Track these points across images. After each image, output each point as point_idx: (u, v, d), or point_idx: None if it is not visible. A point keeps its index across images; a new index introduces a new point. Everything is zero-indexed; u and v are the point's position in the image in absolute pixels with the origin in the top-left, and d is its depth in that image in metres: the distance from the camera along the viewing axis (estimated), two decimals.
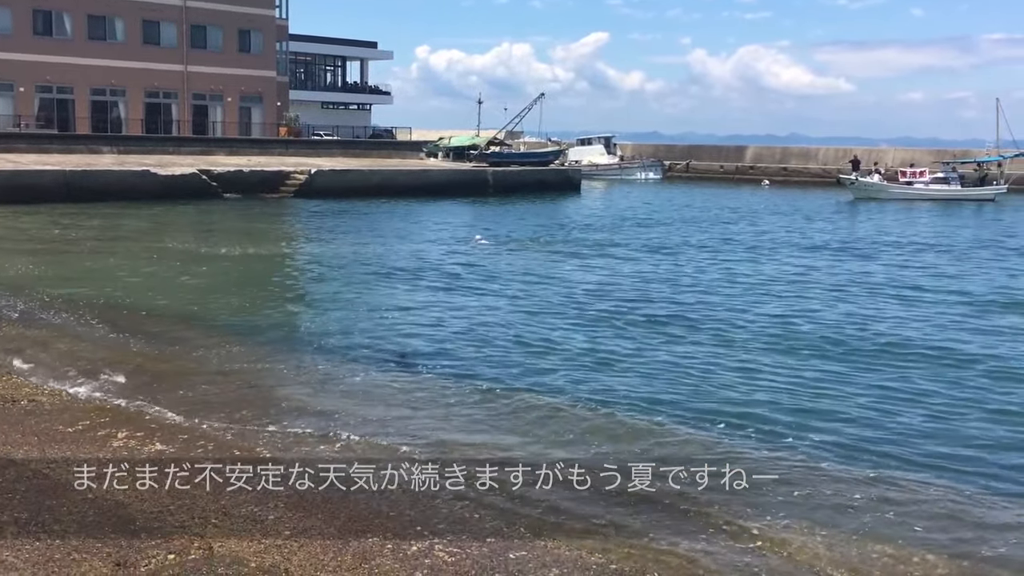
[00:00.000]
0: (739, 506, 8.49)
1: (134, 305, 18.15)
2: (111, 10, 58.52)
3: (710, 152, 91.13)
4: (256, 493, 7.83)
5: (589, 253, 29.07)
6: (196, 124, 62.78)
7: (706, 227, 39.22)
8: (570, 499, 8.43)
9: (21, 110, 55.81)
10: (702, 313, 18.75)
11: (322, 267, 24.77)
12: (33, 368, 12.60)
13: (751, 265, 26.97)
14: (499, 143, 70.46)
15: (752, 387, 13.02)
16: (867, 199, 59.55)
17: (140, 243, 28.70)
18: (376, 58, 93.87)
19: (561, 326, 17.13)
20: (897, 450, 10.45)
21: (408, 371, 13.52)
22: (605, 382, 13.12)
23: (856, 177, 62.66)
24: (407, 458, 9.42)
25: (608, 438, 10.54)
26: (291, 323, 17.32)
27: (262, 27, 65.45)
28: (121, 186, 42.41)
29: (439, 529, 7.29)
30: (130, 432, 9.41)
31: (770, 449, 10.33)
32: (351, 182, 50.39)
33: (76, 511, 7.06)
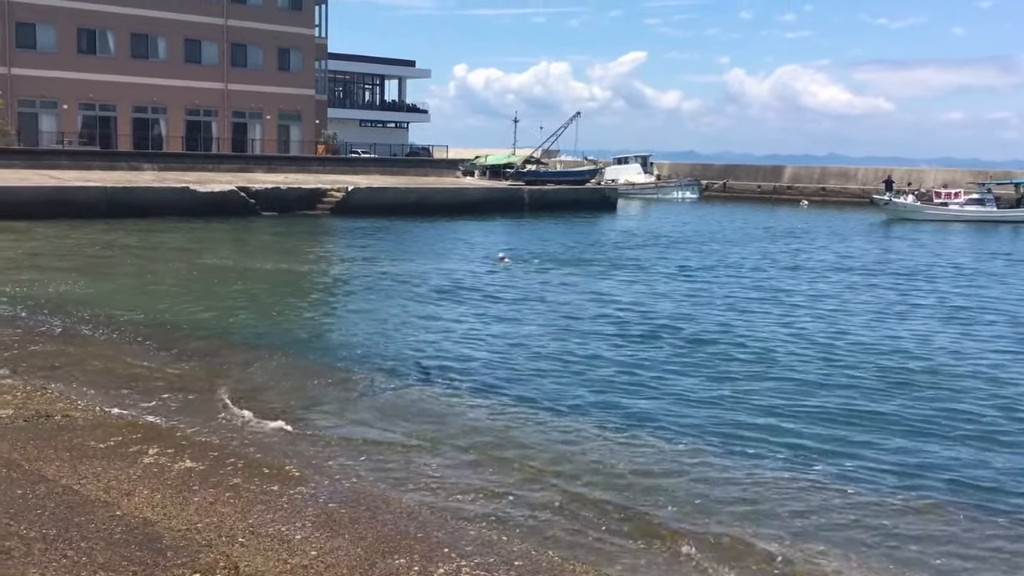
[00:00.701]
0: (776, 533, 8.36)
1: (170, 321, 18.28)
2: (153, 29, 59.35)
3: (747, 171, 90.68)
4: (283, 512, 7.81)
5: (623, 272, 28.93)
6: (235, 141, 63.44)
7: (737, 248, 38.95)
8: (599, 524, 8.34)
9: (65, 127, 56.69)
10: (732, 333, 18.56)
11: (356, 284, 24.84)
12: (69, 383, 12.69)
13: (779, 286, 26.72)
14: (535, 161, 70.50)
15: (801, 415, 12.85)
16: (901, 220, 58.88)
17: (178, 259, 28.94)
18: (414, 76, 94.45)
19: (594, 345, 17.02)
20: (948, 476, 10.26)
21: (437, 388, 13.48)
22: (638, 404, 13.00)
23: (890, 198, 62.02)
24: (436, 478, 9.37)
25: (639, 462, 10.43)
26: (323, 341, 17.34)
27: (301, 46, 66.08)
28: (161, 202, 42.88)
29: (467, 551, 7.22)
30: (161, 448, 9.42)
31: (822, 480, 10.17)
32: (388, 200, 50.63)
33: (104, 528, 7.06)
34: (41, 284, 22.19)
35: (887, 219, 59.27)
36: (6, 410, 10.52)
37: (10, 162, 48.63)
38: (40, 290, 21.29)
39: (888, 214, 60.37)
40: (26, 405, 10.83)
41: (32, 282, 22.46)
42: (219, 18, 61.85)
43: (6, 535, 6.78)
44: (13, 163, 48.58)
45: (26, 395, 11.43)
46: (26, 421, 10.16)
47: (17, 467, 8.48)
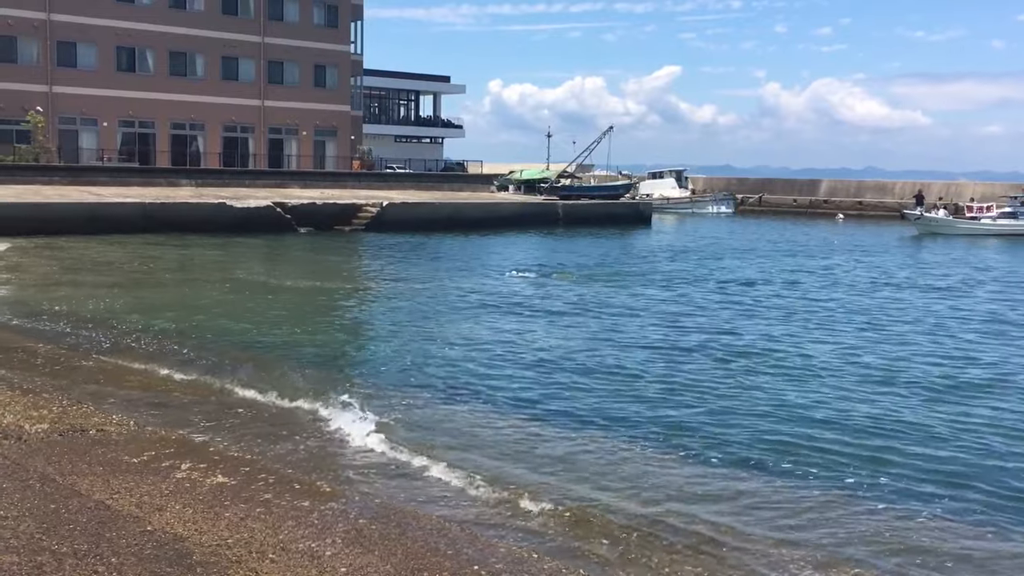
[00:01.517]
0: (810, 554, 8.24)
1: (206, 336, 18.39)
2: (192, 47, 60.06)
3: (783, 186, 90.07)
4: (314, 528, 7.80)
5: (658, 286, 28.78)
6: (272, 157, 63.97)
7: (769, 262, 38.67)
8: (632, 541, 8.25)
9: (104, 144, 57.42)
10: (769, 348, 18.39)
11: (389, 300, 24.88)
12: (104, 398, 12.78)
13: (812, 300, 26.48)
14: (569, 176, 70.45)
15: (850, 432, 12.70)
16: (932, 234, 58.22)
17: (215, 275, 29.16)
18: (449, 92, 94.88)
19: (629, 360, 16.91)
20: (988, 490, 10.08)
21: (468, 403, 13.44)
22: (671, 418, 12.89)
23: (921, 212, 61.36)
24: (465, 494, 9.33)
25: (673, 478, 10.33)
26: (354, 356, 17.37)
27: (337, 62, 66.58)
28: (198, 218, 43.26)
29: (497, 568, 7.17)
30: (193, 463, 9.46)
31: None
32: (422, 215, 50.78)
33: (135, 543, 7.08)
34: (79, 299, 22.43)
35: (918, 234, 58.64)
36: (42, 424, 10.61)
37: (51, 178, 49.32)
38: (78, 305, 21.52)
39: (919, 229, 59.72)
40: (61, 419, 10.92)
41: (70, 297, 22.71)
42: (256, 36, 62.48)
43: (38, 550, 6.82)
44: (54, 179, 49.27)
45: (62, 409, 11.53)
46: (61, 435, 10.24)
47: (51, 481, 8.54)
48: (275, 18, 63.35)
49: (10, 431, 10.23)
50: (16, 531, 7.16)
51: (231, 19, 61.54)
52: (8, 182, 47.13)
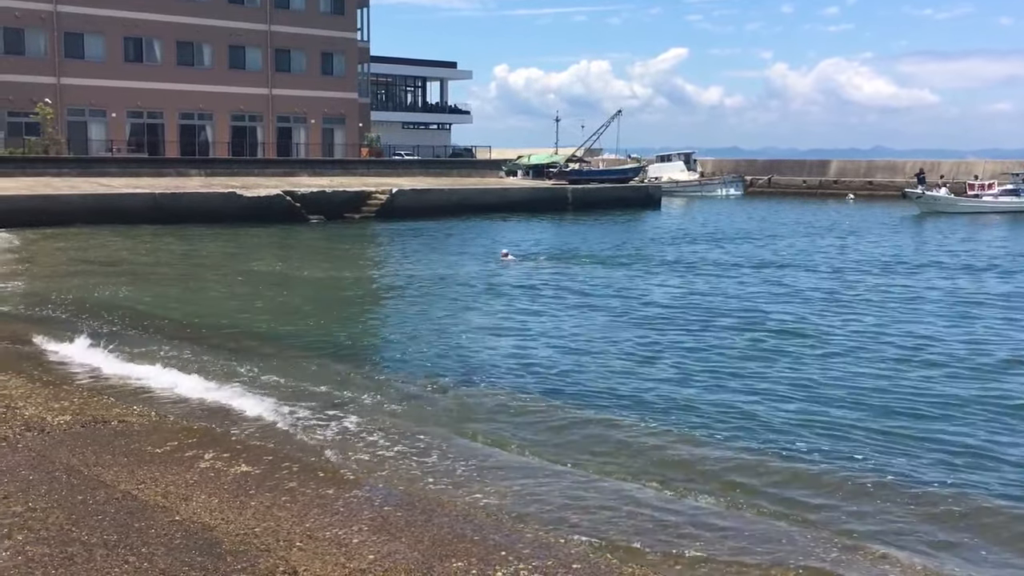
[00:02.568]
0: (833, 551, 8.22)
1: (221, 325, 18.42)
2: (199, 36, 60.02)
3: (792, 167, 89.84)
4: (340, 515, 7.82)
5: (670, 268, 28.75)
6: (280, 146, 63.97)
7: (779, 242, 38.59)
8: (659, 526, 8.25)
9: (113, 135, 57.47)
10: (787, 328, 18.37)
11: (404, 287, 24.90)
12: (124, 388, 12.82)
13: (819, 282, 26.42)
14: (578, 160, 70.33)
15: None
16: (934, 213, 58.02)
17: (225, 265, 29.21)
18: (455, 78, 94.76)
19: (651, 344, 16.90)
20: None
21: (489, 389, 13.44)
22: (694, 401, 12.88)
23: (923, 191, 61.13)
24: (490, 480, 9.33)
25: (699, 460, 10.33)
26: (373, 344, 17.40)
27: (344, 50, 66.46)
28: (208, 208, 43.29)
29: (524, 554, 7.17)
30: (216, 453, 9.48)
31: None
32: (432, 201, 50.77)
33: (164, 533, 7.10)
34: (91, 289, 22.48)
35: (920, 213, 58.46)
36: (64, 416, 10.64)
37: (61, 170, 49.40)
38: (90, 295, 21.57)
39: (921, 207, 59.52)
40: (83, 411, 10.95)
41: (82, 288, 22.76)
42: (263, 24, 62.38)
43: (68, 541, 6.85)
44: (64, 171, 49.35)
45: (83, 400, 11.56)
46: (83, 427, 10.27)
47: (77, 473, 8.57)
48: (281, 6, 63.24)
49: (33, 423, 10.27)
50: (46, 522, 7.19)
51: (237, 8, 61.46)
52: (18, 174, 47.24)
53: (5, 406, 10.96)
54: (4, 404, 11.05)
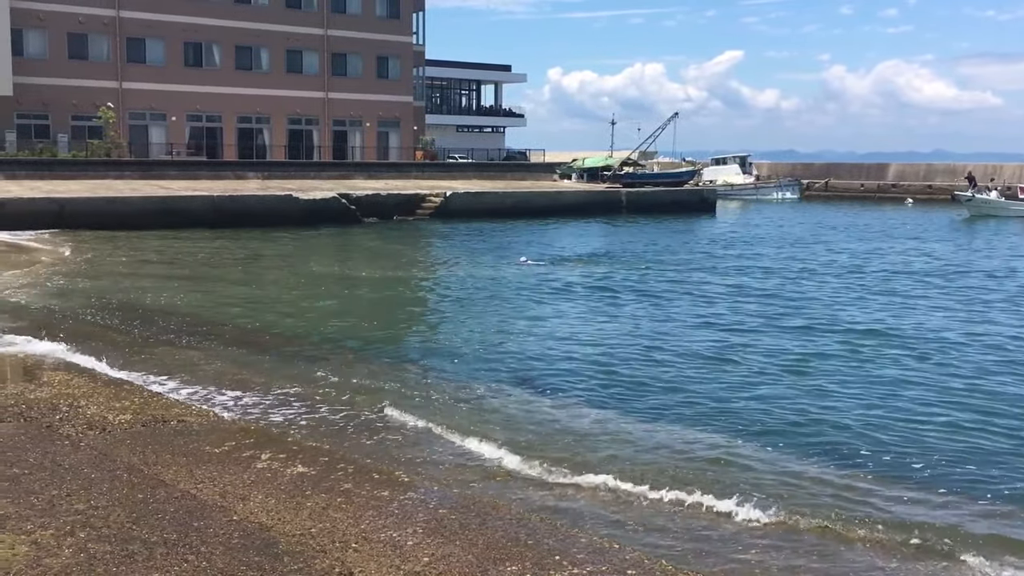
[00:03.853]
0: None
1: (278, 327, 18.62)
2: (257, 41, 60.78)
3: (850, 170, 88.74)
4: (395, 517, 7.85)
5: (725, 273, 28.53)
6: (336, 149, 64.55)
7: (826, 247, 38.11)
8: (714, 532, 8.19)
9: (173, 138, 58.37)
10: (841, 335, 18.14)
11: (458, 288, 24.97)
12: (183, 388, 13.01)
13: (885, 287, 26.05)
14: (632, 164, 70.06)
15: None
16: (984, 216, 56.85)
17: (283, 266, 29.52)
18: (510, 81, 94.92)
19: (704, 351, 16.79)
20: None
21: (545, 394, 13.43)
22: (748, 409, 12.76)
23: (973, 194, 59.96)
24: (544, 484, 9.32)
25: (751, 466, 10.23)
26: (428, 346, 17.46)
27: (399, 54, 66.89)
28: (265, 210, 43.78)
29: (579, 559, 7.15)
30: (273, 453, 9.57)
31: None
32: (486, 204, 50.89)
33: (222, 533, 7.18)
34: (153, 292, 22.84)
35: (971, 216, 57.36)
36: (124, 415, 10.82)
37: (122, 173, 50.29)
38: (152, 297, 21.91)
39: (971, 211, 58.40)
40: (143, 411, 11.12)
41: (144, 289, 23.13)
42: (319, 28, 63.00)
43: (129, 539, 6.95)
44: (125, 174, 50.23)
45: (143, 400, 11.74)
46: (144, 426, 10.42)
47: (137, 472, 8.70)
48: (338, 11, 63.83)
49: (95, 422, 10.44)
50: (107, 520, 7.31)
51: (295, 12, 62.13)
52: (81, 177, 48.15)
53: (68, 405, 11.17)
54: (67, 403, 11.26)
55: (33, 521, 7.22)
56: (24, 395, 11.64)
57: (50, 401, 11.34)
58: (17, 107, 52.79)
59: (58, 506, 7.59)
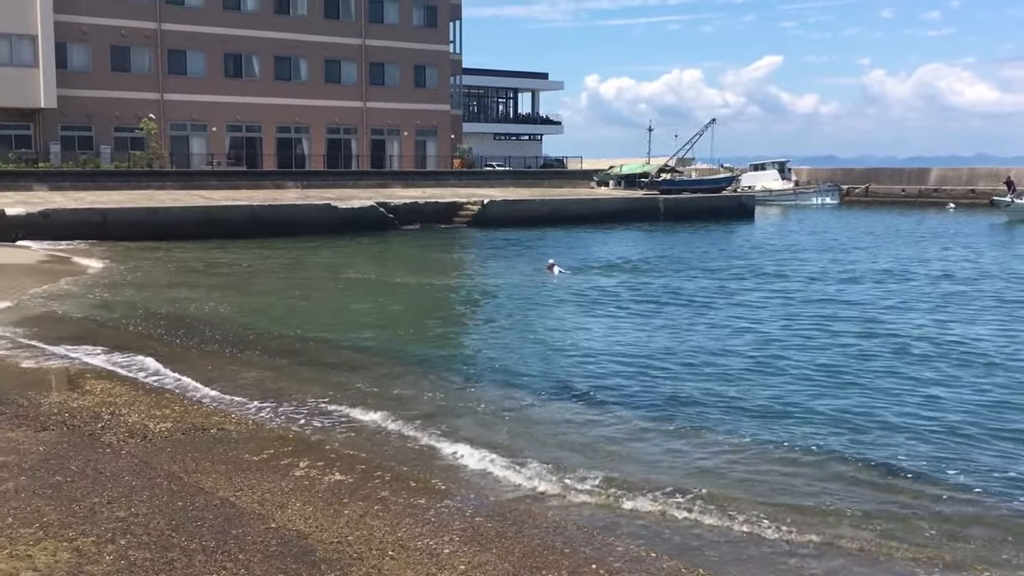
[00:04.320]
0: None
1: (316, 335, 18.72)
2: (296, 51, 61.28)
3: (890, 175, 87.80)
4: (431, 525, 7.88)
5: (765, 280, 28.33)
6: (374, 158, 64.87)
7: (869, 253, 37.72)
8: (751, 542, 8.13)
9: (213, 149, 58.95)
10: (883, 345, 17.95)
11: (496, 296, 24.99)
12: (222, 397, 13.12)
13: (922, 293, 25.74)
14: (670, 170, 69.80)
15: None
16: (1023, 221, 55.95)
17: (323, 275, 29.71)
18: (547, 89, 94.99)
19: (741, 358, 16.68)
20: None
21: (582, 402, 13.41)
22: (785, 418, 12.67)
23: (1012, 199, 59.05)
24: (581, 492, 9.31)
25: (789, 476, 10.14)
26: (467, 354, 17.48)
27: (437, 62, 67.15)
28: (304, 219, 44.11)
29: (615, 567, 7.14)
30: (311, 461, 9.63)
31: None
32: (523, 211, 50.94)
33: (260, 540, 7.24)
34: (195, 301, 23.07)
35: (1009, 220, 56.47)
36: (165, 423, 10.94)
37: (163, 183, 50.87)
38: (194, 306, 22.14)
39: (1010, 215, 57.48)
40: (183, 419, 11.24)
41: (186, 299, 23.38)
42: (357, 38, 63.40)
43: (169, 546, 7.03)
44: (166, 184, 50.80)
45: (183, 408, 11.87)
46: (184, 434, 10.54)
47: (177, 479, 8.80)
48: (375, 20, 64.19)
49: (136, 430, 10.57)
50: (147, 528, 7.39)
51: (333, 23, 62.57)
52: (124, 187, 48.75)
53: (110, 413, 11.32)
54: (109, 411, 11.41)
55: (75, 528, 7.32)
56: (67, 404, 11.81)
57: (92, 409, 11.50)
58: (62, 119, 53.56)
59: (99, 513, 7.69)
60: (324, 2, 62.16)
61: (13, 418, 10.88)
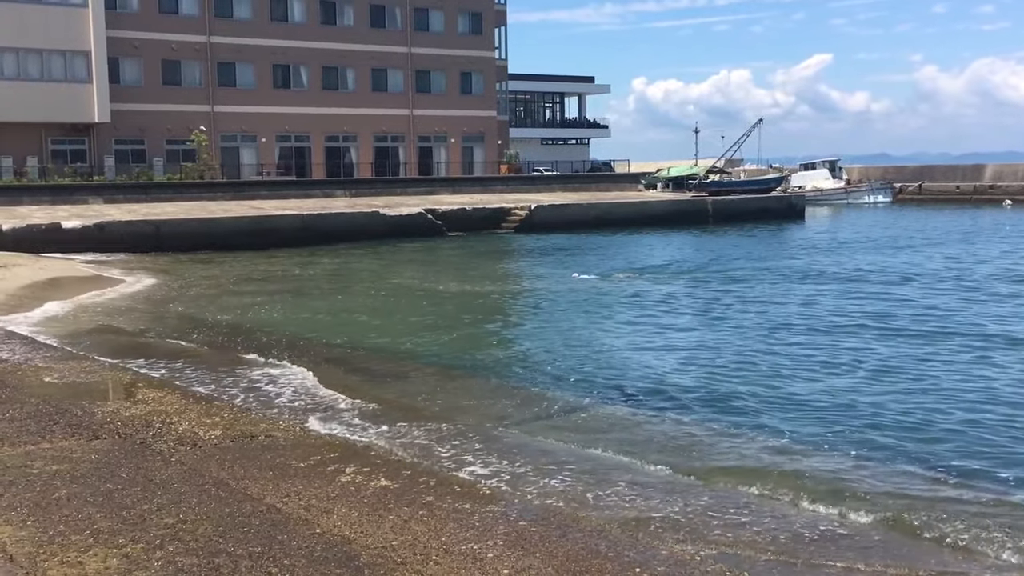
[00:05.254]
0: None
1: (365, 342, 18.86)
2: (343, 61, 61.84)
3: (944, 172, 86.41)
4: (475, 530, 7.88)
5: (816, 282, 28.05)
6: (421, 165, 65.24)
7: (915, 252, 37.17)
8: (799, 548, 8.04)
9: (263, 159, 59.67)
10: (943, 349, 17.68)
11: (543, 301, 25.00)
12: (271, 404, 13.26)
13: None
14: (718, 171, 69.36)
15: None
16: None
17: (371, 282, 29.91)
18: (593, 92, 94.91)
19: (791, 363, 16.53)
20: None
21: (627, 405, 13.37)
22: (834, 421, 12.52)
23: None
24: (625, 496, 9.27)
25: (838, 477, 10.03)
26: (512, 359, 17.49)
27: (483, 69, 67.39)
28: (353, 227, 44.45)
29: (659, 571, 7.08)
30: (357, 467, 9.68)
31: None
32: (571, 216, 50.91)
33: (305, 546, 7.29)
34: (246, 309, 23.34)
35: None
36: (215, 431, 11.06)
37: (215, 194, 51.58)
38: (245, 315, 22.40)
39: None
40: (232, 426, 11.35)
41: (238, 307, 23.65)
42: (403, 47, 63.83)
43: (215, 552, 7.10)
44: (218, 195, 51.51)
45: (232, 416, 11.98)
46: (232, 441, 10.64)
47: (225, 486, 8.89)
48: (421, 28, 64.60)
49: (186, 438, 10.69)
50: (195, 534, 7.48)
51: (379, 32, 63.08)
52: (176, 199, 49.52)
53: (161, 422, 11.46)
54: (160, 420, 11.55)
55: (124, 535, 7.42)
56: (120, 412, 11.98)
57: (144, 418, 11.65)
58: (115, 133, 54.55)
59: (148, 520, 7.79)
60: (370, 12, 62.69)
61: (67, 427, 11.05)
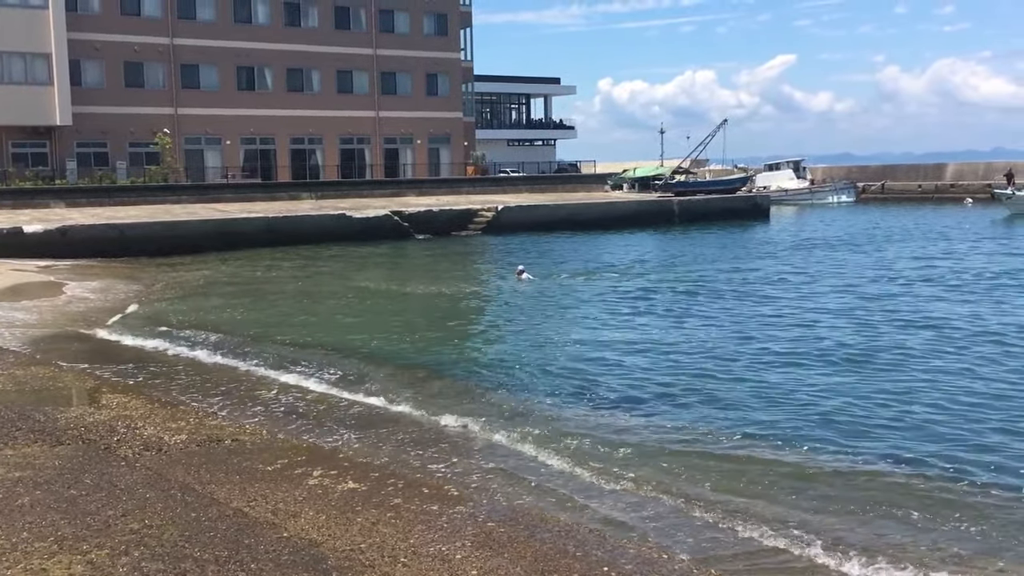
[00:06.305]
0: None
1: (330, 345, 18.78)
2: (308, 63, 61.56)
3: (907, 171, 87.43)
4: (443, 532, 7.89)
5: (781, 284, 28.29)
6: (388, 167, 65.07)
7: (876, 251, 37.59)
8: (764, 544, 8.12)
9: (228, 162, 59.27)
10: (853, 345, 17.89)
11: (511, 302, 25.02)
12: (236, 408, 13.18)
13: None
14: (684, 172, 69.72)
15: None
16: None
17: (337, 285, 29.79)
18: (559, 93, 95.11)
19: (762, 364, 16.66)
20: None
21: (596, 407, 13.41)
22: (803, 423, 12.64)
23: (1012, 192, 58.54)
24: (593, 496, 9.31)
25: (806, 480, 10.12)
26: (480, 361, 17.49)
27: (448, 70, 67.33)
28: (319, 230, 44.30)
29: (627, 570, 7.13)
30: (324, 470, 9.66)
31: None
32: (538, 217, 51.01)
33: (272, 549, 7.26)
34: (210, 312, 23.18)
35: (1011, 215, 56.00)
36: (180, 435, 10.99)
37: (179, 197, 51.18)
38: (208, 318, 22.24)
39: (1011, 209, 57.01)
40: (198, 430, 11.29)
41: (201, 310, 23.49)
42: (368, 48, 63.64)
43: (182, 557, 7.06)
44: (182, 198, 51.11)
45: (198, 420, 11.92)
46: (198, 446, 10.58)
47: (191, 490, 8.84)
48: (386, 30, 64.43)
49: (151, 443, 10.62)
50: (160, 539, 7.43)
51: (344, 33, 62.84)
52: (140, 202, 49.08)
53: (126, 427, 11.37)
54: (125, 425, 11.47)
55: (89, 541, 7.37)
56: (84, 418, 11.88)
57: (108, 423, 11.56)
58: (77, 136, 53.96)
59: (113, 526, 7.74)
60: (335, 13, 62.44)
61: (29, 433, 10.94)
